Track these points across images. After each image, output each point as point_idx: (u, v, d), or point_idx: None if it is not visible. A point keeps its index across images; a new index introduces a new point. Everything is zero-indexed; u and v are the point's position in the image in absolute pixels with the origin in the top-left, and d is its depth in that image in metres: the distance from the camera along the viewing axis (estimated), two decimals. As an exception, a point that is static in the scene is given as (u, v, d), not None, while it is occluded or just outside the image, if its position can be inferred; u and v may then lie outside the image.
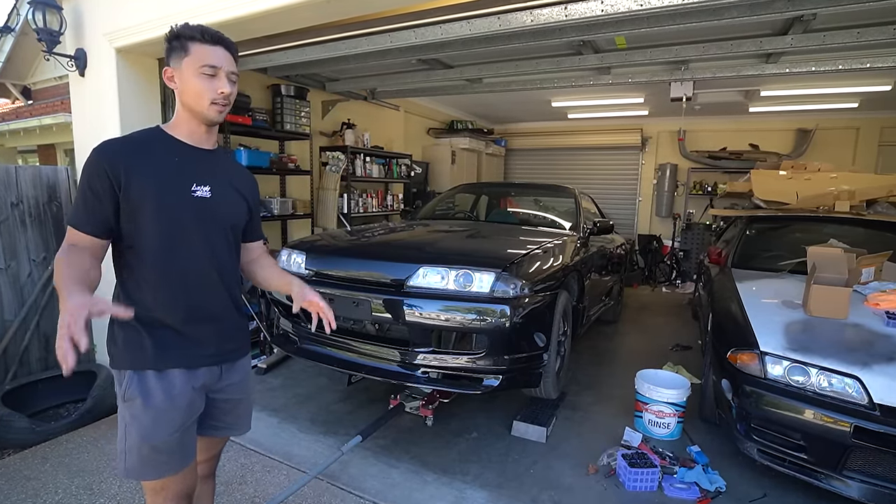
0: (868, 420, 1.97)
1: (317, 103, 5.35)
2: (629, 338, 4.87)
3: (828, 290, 2.54)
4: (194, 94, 1.27)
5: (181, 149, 1.31)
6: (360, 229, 3.84)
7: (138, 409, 1.25)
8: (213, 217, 1.33)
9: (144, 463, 1.26)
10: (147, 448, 1.25)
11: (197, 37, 1.26)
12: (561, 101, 6.79)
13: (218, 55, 1.28)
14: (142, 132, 1.33)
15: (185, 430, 1.31)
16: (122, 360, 1.27)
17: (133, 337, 1.26)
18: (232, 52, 1.33)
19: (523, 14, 2.62)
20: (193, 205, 1.29)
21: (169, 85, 1.31)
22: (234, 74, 1.32)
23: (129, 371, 1.26)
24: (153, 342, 1.26)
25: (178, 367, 1.28)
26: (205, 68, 1.26)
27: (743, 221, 4.24)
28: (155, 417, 1.25)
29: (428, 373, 2.54)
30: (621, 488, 2.36)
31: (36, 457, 2.64)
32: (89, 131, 3.42)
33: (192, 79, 1.26)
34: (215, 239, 1.35)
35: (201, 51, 1.26)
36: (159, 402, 1.25)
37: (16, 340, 3.29)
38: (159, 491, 1.33)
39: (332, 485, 2.38)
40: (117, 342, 1.28)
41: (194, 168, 1.31)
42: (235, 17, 2.57)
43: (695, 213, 7.97)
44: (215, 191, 1.33)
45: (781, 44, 3.33)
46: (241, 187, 1.44)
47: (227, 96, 1.29)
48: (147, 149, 1.27)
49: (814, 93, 5.57)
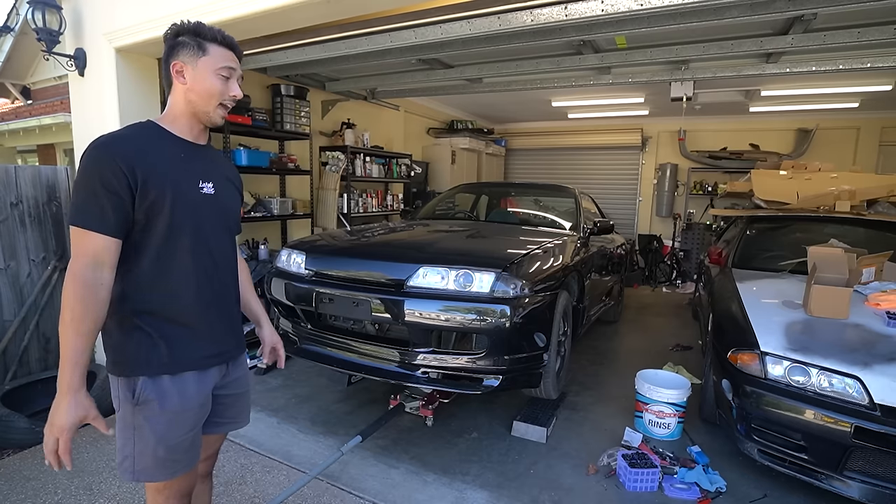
0: (869, 420, 1.97)
1: (316, 103, 5.35)
2: (629, 338, 4.87)
3: (828, 290, 2.54)
4: (206, 93, 1.27)
5: (183, 145, 1.30)
6: (360, 229, 3.83)
7: (154, 412, 1.24)
8: (219, 213, 1.35)
9: (159, 465, 1.26)
10: (163, 449, 1.25)
11: (217, 38, 1.28)
12: (561, 100, 6.78)
13: (234, 59, 1.31)
14: (138, 126, 1.28)
15: (197, 430, 1.33)
16: (134, 367, 1.23)
17: (145, 341, 1.23)
18: (239, 56, 1.35)
19: (523, 14, 2.62)
20: (203, 201, 1.30)
21: (175, 79, 1.27)
22: (240, 78, 1.35)
23: (143, 377, 1.23)
24: (167, 344, 1.24)
25: (192, 370, 1.29)
26: (223, 69, 1.27)
27: (743, 221, 4.24)
28: (171, 420, 1.25)
29: (428, 373, 2.53)
30: (621, 488, 2.35)
31: (35, 457, 2.64)
32: (89, 131, 3.41)
33: (209, 78, 1.26)
34: (221, 235, 1.37)
35: (220, 52, 1.28)
36: (175, 405, 1.25)
37: (15, 341, 3.28)
38: (162, 490, 1.33)
39: (331, 485, 2.38)
40: (125, 349, 1.23)
41: (198, 165, 1.31)
42: (235, 17, 2.57)
43: (695, 213, 7.96)
44: (217, 187, 1.34)
45: (782, 43, 3.33)
46: (234, 180, 1.47)
47: (233, 99, 1.31)
48: (156, 145, 1.24)
49: (814, 92, 5.57)
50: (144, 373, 1.23)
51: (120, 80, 3.19)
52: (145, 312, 1.24)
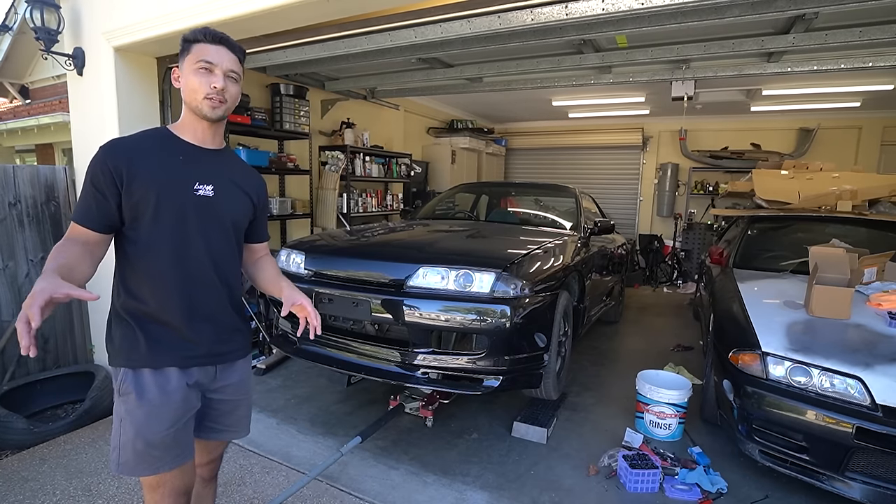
0: (870, 421, 1.96)
1: (316, 102, 5.34)
2: (630, 338, 4.86)
3: (830, 290, 2.53)
4: (190, 89, 1.30)
5: (186, 148, 1.34)
6: (360, 229, 3.82)
7: (133, 404, 1.27)
8: (215, 216, 1.35)
9: (139, 458, 1.28)
10: (141, 443, 1.26)
11: (200, 38, 1.30)
12: (562, 100, 6.77)
13: (219, 53, 1.30)
14: (148, 131, 1.36)
15: (181, 427, 1.32)
16: (118, 358, 1.29)
17: (128, 334, 1.28)
18: (235, 52, 1.34)
19: (524, 13, 2.61)
20: (195, 203, 1.31)
21: (175, 86, 1.35)
22: (234, 73, 1.33)
23: (124, 368, 1.29)
24: (146, 340, 1.27)
25: (172, 366, 1.30)
26: (200, 63, 1.28)
27: (744, 221, 4.22)
28: (149, 413, 1.27)
29: (428, 373, 2.52)
30: (622, 489, 2.34)
31: (34, 458, 2.63)
32: (87, 131, 3.41)
33: (189, 75, 1.30)
34: (216, 238, 1.36)
35: (200, 48, 1.29)
36: (154, 398, 1.27)
37: (13, 341, 3.27)
38: (156, 487, 1.33)
39: (331, 486, 2.37)
40: (114, 340, 1.31)
41: (198, 167, 1.33)
42: (234, 16, 2.56)
43: (696, 212, 7.95)
44: (218, 190, 1.35)
45: (783, 43, 3.31)
46: (247, 187, 1.45)
47: (219, 91, 1.29)
48: (151, 147, 1.30)
49: (816, 92, 5.56)
50: (126, 364, 1.28)
51: (119, 80, 3.18)
52: (131, 307, 1.29)
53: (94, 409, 3.06)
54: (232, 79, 1.32)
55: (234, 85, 1.33)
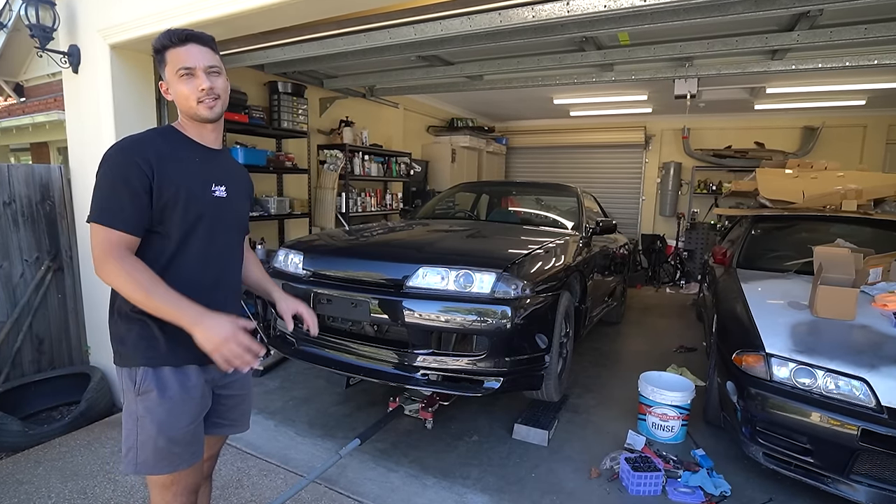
0: (875, 423, 1.94)
1: (314, 101, 5.30)
2: (632, 339, 4.83)
3: (835, 290, 2.51)
4: (181, 98, 1.29)
5: (198, 149, 1.35)
6: (359, 229, 3.80)
7: (154, 402, 1.26)
8: (229, 216, 1.39)
9: (159, 456, 1.27)
10: (164, 440, 1.26)
11: (167, 43, 1.27)
12: (563, 98, 6.73)
13: (191, 53, 1.28)
14: (159, 130, 1.35)
15: (199, 423, 1.34)
16: (135, 358, 1.27)
17: (145, 333, 1.27)
18: (205, 44, 1.31)
19: (524, 10, 2.58)
20: (213, 204, 1.33)
21: (167, 98, 1.34)
22: (213, 68, 1.30)
23: (144, 367, 1.27)
24: (166, 338, 1.26)
25: (192, 364, 1.31)
26: (181, 71, 1.27)
27: (748, 221, 4.20)
28: (171, 410, 1.27)
29: (427, 375, 2.50)
30: (624, 492, 2.32)
31: (29, 460, 2.61)
32: (83, 129, 3.37)
33: (175, 85, 1.29)
34: (229, 238, 1.40)
35: (174, 55, 1.28)
36: (175, 394, 1.27)
37: (8, 342, 3.24)
38: (169, 486, 1.33)
39: (329, 489, 2.35)
40: (126, 340, 1.28)
41: (212, 168, 1.35)
42: (230, 13, 2.52)
43: (699, 212, 7.91)
44: (229, 190, 1.37)
45: (787, 40, 3.28)
46: (244, 186, 1.50)
47: (208, 91, 1.28)
48: (173, 147, 1.30)
49: (820, 90, 5.51)
50: (146, 363, 1.26)
51: (114, 77, 3.14)
52: None
53: (89, 411, 3.03)
54: (214, 73, 1.30)
55: (219, 77, 1.31)
